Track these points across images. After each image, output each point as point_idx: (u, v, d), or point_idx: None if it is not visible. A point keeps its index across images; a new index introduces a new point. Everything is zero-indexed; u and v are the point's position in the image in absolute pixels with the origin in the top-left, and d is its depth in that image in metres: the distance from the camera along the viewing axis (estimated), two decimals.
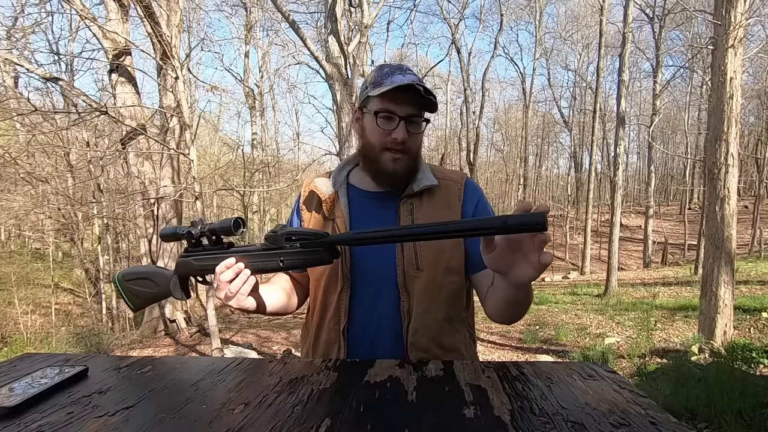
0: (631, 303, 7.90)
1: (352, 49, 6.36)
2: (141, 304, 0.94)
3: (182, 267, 0.88)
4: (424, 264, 0.90)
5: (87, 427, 0.53)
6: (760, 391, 2.93)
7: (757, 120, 20.33)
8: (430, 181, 0.95)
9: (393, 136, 0.88)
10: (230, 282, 0.78)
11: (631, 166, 30.71)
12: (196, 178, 5.11)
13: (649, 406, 0.58)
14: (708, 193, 4.96)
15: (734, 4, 4.49)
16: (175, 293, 0.89)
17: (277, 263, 0.78)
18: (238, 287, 0.79)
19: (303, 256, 0.76)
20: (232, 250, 0.84)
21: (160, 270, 0.92)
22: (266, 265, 0.79)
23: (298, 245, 0.76)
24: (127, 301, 0.94)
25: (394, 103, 0.87)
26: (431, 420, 0.54)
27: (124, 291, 0.92)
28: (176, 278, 0.89)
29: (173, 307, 7.89)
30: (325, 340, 0.94)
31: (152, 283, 0.91)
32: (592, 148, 14.28)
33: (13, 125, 8.70)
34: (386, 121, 0.88)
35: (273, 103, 18.98)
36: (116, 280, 0.94)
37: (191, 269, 0.87)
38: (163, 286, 0.89)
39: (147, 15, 5.48)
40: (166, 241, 0.87)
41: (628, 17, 10.02)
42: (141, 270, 0.94)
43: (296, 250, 0.76)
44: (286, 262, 0.77)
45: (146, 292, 0.92)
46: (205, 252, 0.85)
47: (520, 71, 24.46)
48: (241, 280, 0.79)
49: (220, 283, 0.79)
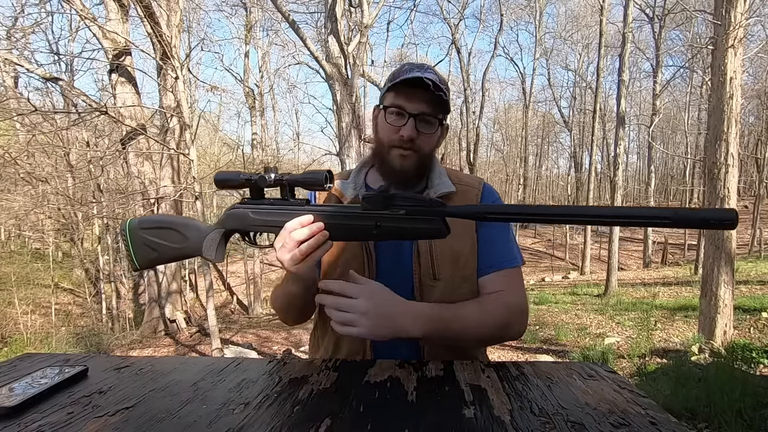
0: (631, 303, 7.90)
1: (352, 49, 6.36)
2: (152, 261, 0.79)
3: (233, 220, 0.74)
4: (441, 273, 0.86)
5: (87, 427, 0.53)
6: (760, 391, 2.93)
7: (757, 120, 20.33)
8: (448, 187, 0.91)
9: (401, 133, 0.85)
10: (301, 243, 0.67)
11: (631, 166, 30.73)
12: (196, 178, 5.12)
13: (649, 406, 0.58)
14: (708, 193, 4.95)
15: (734, 4, 4.49)
16: (208, 252, 0.75)
17: (371, 229, 0.65)
18: (310, 250, 0.68)
19: (411, 224, 0.63)
20: (309, 206, 0.71)
21: (192, 221, 0.79)
22: (354, 229, 0.66)
23: (403, 212, 0.64)
24: (133, 255, 0.78)
25: (405, 99, 0.84)
26: (431, 420, 0.54)
27: (133, 242, 0.78)
28: (218, 233, 0.75)
29: (173, 307, 7.89)
30: (349, 351, 0.88)
31: (179, 236, 0.76)
32: (592, 148, 14.27)
33: (13, 125, 8.71)
34: (396, 117, 0.85)
35: (273, 103, 18.97)
36: (126, 228, 0.78)
37: (246, 223, 0.74)
38: (193, 241, 0.76)
39: (147, 15, 5.48)
40: (221, 187, 0.74)
41: (628, 17, 10.02)
42: (166, 219, 0.80)
43: (401, 216, 0.64)
44: (384, 228, 0.64)
45: (167, 246, 0.77)
46: (273, 205, 0.72)
47: (520, 71, 24.49)
48: (316, 242, 0.68)
49: (287, 242, 0.68)
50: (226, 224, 0.75)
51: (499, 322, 0.83)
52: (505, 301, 0.85)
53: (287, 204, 0.72)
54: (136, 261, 0.79)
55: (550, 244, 20.22)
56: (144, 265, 0.79)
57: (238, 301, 12.55)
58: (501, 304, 0.84)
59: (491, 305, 0.84)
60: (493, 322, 0.82)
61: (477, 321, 0.80)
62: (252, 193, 0.74)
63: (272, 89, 18.16)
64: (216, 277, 13.06)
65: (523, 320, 0.87)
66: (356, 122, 6.15)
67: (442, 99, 0.84)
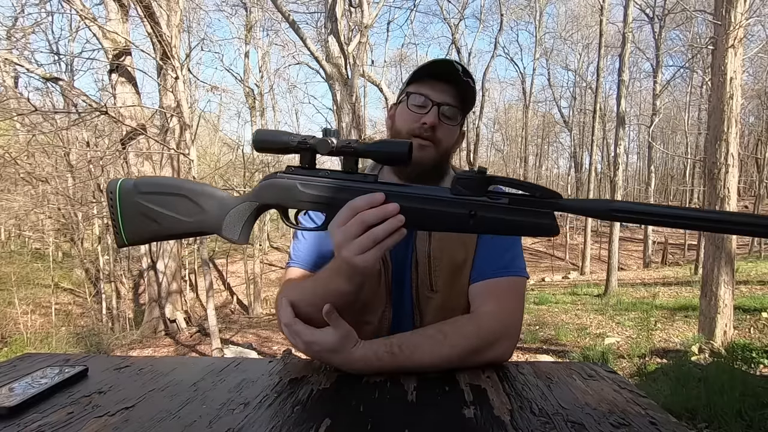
0: (631, 303, 7.90)
1: (352, 49, 6.36)
2: (148, 235, 0.63)
3: (274, 191, 0.61)
4: (438, 285, 0.82)
5: (87, 427, 0.53)
6: (760, 391, 2.93)
7: (757, 120, 20.34)
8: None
9: (423, 120, 0.80)
10: (370, 227, 0.55)
11: (631, 166, 30.72)
12: (196, 178, 5.12)
13: (649, 406, 0.58)
14: (708, 193, 4.95)
15: (734, 4, 4.49)
16: (230, 230, 0.61)
17: (465, 219, 0.53)
18: (383, 235, 0.55)
19: (515, 216, 0.52)
20: (380, 183, 0.58)
21: (210, 188, 0.63)
22: (442, 217, 0.54)
23: (506, 201, 0.53)
24: (121, 225, 0.62)
25: (430, 88, 0.81)
26: (431, 420, 0.54)
27: (124, 209, 0.62)
28: (250, 207, 0.62)
29: (173, 307, 7.89)
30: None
31: (192, 207, 0.62)
32: (592, 148, 14.28)
33: (13, 125, 8.70)
34: (418, 105, 0.81)
35: (273, 103, 19.00)
36: (116, 190, 0.62)
37: (292, 198, 0.60)
38: (212, 214, 0.61)
39: (147, 15, 5.48)
40: (262, 149, 0.61)
41: (628, 17, 10.03)
42: (175, 183, 0.64)
43: (503, 205, 0.53)
44: (481, 218, 0.53)
45: (173, 218, 0.62)
46: (334, 178, 0.59)
47: (520, 71, 24.49)
48: (390, 226, 0.55)
49: (351, 226, 0.55)
50: (263, 196, 0.61)
51: (462, 349, 0.69)
52: (477, 324, 0.73)
53: (351, 178, 0.59)
54: (124, 234, 0.62)
55: (550, 243, 20.22)
56: (135, 239, 0.63)
57: (238, 301, 12.56)
58: (466, 330, 0.71)
59: (453, 329, 0.71)
60: (447, 353, 0.68)
61: (430, 350, 0.68)
62: (303, 161, 0.60)
63: (272, 89, 18.19)
64: (216, 277, 13.06)
65: (504, 345, 0.73)
66: (356, 122, 6.15)
67: (468, 88, 0.81)
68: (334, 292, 0.64)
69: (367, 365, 0.66)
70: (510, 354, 0.75)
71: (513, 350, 0.76)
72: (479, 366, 0.71)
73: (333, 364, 0.68)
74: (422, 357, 0.68)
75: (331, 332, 0.64)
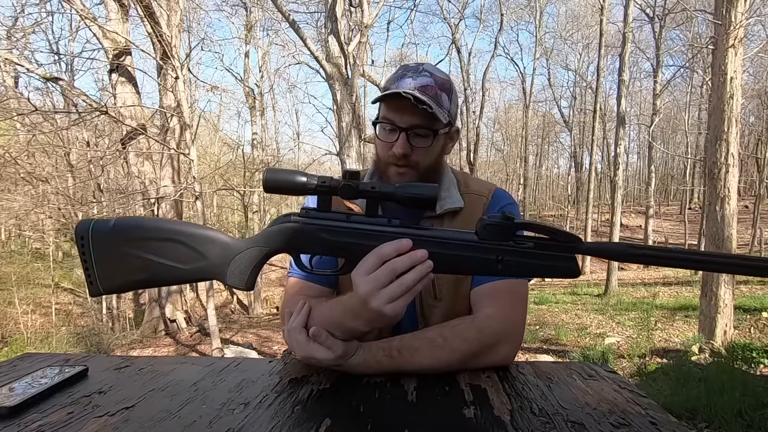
0: (631, 303, 7.90)
1: (352, 49, 6.36)
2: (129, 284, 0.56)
3: (287, 237, 0.57)
4: (442, 293, 0.82)
5: (87, 427, 0.53)
6: (760, 391, 2.93)
7: (757, 120, 20.33)
8: (455, 203, 0.84)
9: (393, 150, 0.78)
10: (400, 275, 0.54)
11: (632, 166, 30.72)
12: (197, 178, 5.12)
13: (649, 406, 0.58)
14: (708, 193, 4.95)
15: (734, 3, 4.49)
16: (236, 278, 0.57)
17: (492, 263, 0.54)
18: (411, 285, 0.54)
19: (540, 260, 0.54)
20: (403, 227, 0.56)
21: (211, 232, 0.57)
22: (471, 263, 0.54)
23: (532, 244, 0.54)
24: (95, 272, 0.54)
25: (394, 111, 0.77)
26: (431, 420, 0.54)
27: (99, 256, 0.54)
28: (259, 252, 0.57)
29: (173, 307, 7.89)
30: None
31: (188, 252, 0.55)
32: (592, 147, 14.27)
33: (13, 125, 8.69)
34: (387, 133, 0.79)
35: (273, 103, 18.97)
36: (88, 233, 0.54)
37: (309, 243, 0.57)
38: (214, 260, 0.56)
39: (147, 15, 5.48)
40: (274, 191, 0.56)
41: (629, 17, 10.03)
42: (163, 226, 0.57)
43: (529, 250, 0.54)
44: (507, 262, 0.54)
45: (162, 265, 0.55)
46: (355, 222, 0.56)
47: (520, 71, 24.44)
48: (420, 274, 0.54)
49: (381, 274, 0.54)
50: (274, 242, 0.57)
51: (462, 354, 0.69)
52: (477, 327, 0.72)
53: (374, 222, 0.57)
54: (99, 283, 0.55)
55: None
56: (113, 288, 0.56)
57: (238, 301, 12.56)
58: (466, 334, 0.70)
59: (453, 333, 0.70)
60: (447, 357, 0.68)
61: (429, 354, 0.68)
62: (321, 203, 0.58)
63: (272, 89, 18.17)
64: None
65: (505, 349, 0.73)
66: (356, 122, 6.15)
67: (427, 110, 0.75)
68: (349, 330, 0.63)
69: (366, 369, 0.67)
70: (512, 358, 0.74)
71: (515, 354, 0.75)
72: (480, 369, 0.70)
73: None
74: (421, 361, 0.68)
75: (328, 351, 0.64)
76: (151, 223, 0.57)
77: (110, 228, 0.54)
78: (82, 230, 0.54)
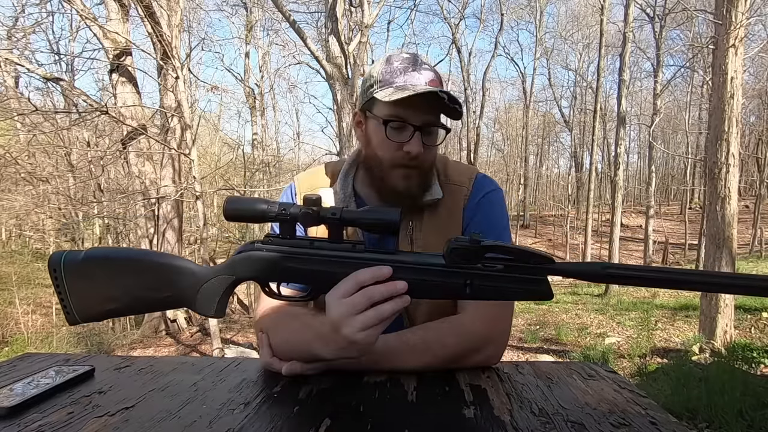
0: (631, 303, 7.90)
1: (352, 48, 6.36)
2: (106, 313, 0.57)
3: (251, 265, 0.57)
4: None
5: (87, 427, 0.53)
6: (760, 391, 2.93)
7: (757, 120, 20.31)
8: (435, 194, 0.81)
9: (406, 150, 0.73)
10: (375, 305, 0.53)
11: (632, 166, 30.71)
12: (197, 178, 5.12)
13: (649, 406, 0.58)
14: (709, 193, 4.95)
15: (735, 3, 4.49)
16: (204, 306, 0.57)
17: (462, 288, 0.53)
18: (386, 316, 0.53)
19: (510, 283, 0.52)
20: (370, 252, 0.55)
21: (179, 260, 0.59)
22: (439, 288, 0.54)
23: (502, 267, 0.53)
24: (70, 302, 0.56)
25: (407, 108, 0.72)
26: (431, 420, 0.54)
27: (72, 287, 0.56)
28: (225, 281, 0.57)
29: None
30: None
31: (157, 281, 0.57)
32: (593, 147, 14.26)
33: (13, 125, 8.70)
34: (397, 131, 0.73)
35: (273, 103, 19.00)
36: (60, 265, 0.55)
37: (272, 271, 0.57)
38: (183, 289, 0.57)
39: (147, 15, 5.48)
40: (234, 220, 0.57)
41: (629, 17, 10.02)
42: (133, 256, 0.59)
43: (498, 274, 0.53)
44: (476, 287, 0.53)
45: (138, 296, 0.57)
46: (321, 250, 0.56)
47: (521, 71, 24.45)
48: (398, 306, 0.53)
49: (357, 301, 0.53)
50: (239, 270, 0.57)
51: (444, 359, 0.69)
52: (459, 332, 0.70)
53: (339, 248, 0.56)
54: (75, 313, 0.56)
55: (551, 243, 20.22)
56: (89, 317, 0.57)
57: (238, 301, 12.56)
58: (448, 340, 0.69)
59: (436, 337, 0.69)
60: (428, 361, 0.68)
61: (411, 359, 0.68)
62: (284, 230, 0.57)
63: (272, 89, 18.19)
64: None
65: (489, 351, 0.72)
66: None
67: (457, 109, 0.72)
68: (314, 357, 0.63)
69: (345, 367, 0.67)
70: (497, 358, 0.73)
71: (501, 354, 0.74)
72: (465, 367, 0.70)
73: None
74: (403, 365, 0.68)
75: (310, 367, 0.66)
76: (121, 253, 0.59)
77: (81, 259, 0.56)
78: (54, 262, 0.56)
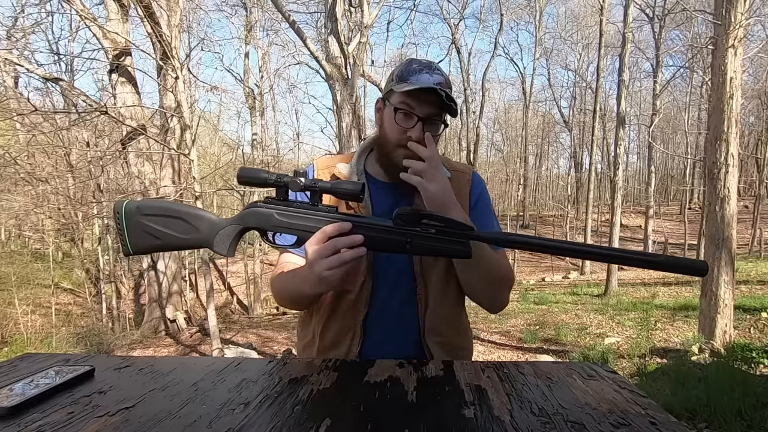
0: (631, 303, 7.90)
1: (352, 49, 6.35)
2: (152, 248, 0.76)
3: (255, 218, 0.75)
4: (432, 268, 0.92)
5: (87, 427, 0.53)
6: (760, 391, 2.93)
7: (757, 120, 20.32)
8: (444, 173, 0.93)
9: (408, 134, 0.87)
10: (337, 252, 0.69)
11: (632, 166, 30.67)
12: (197, 178, 5.12)
13: (649, 406, 0.58)
14: (708, 193, 4.95)
15: (734, 3, 4.49)
16: (220, 246, 0.75)
17: (403, 244, 0.69)
18: (347, 260, 0.69)
19: (438, 243, 0.68)
20: (339, 214, 0.73)
21: (202, 212, 0.77)
22: (387, 243, 0.70)
23: (434, 231, 0.69)
24: (127, 239, 0.74)
25: (415, 101, 0.86)
26: (431, 420, 0.54)
27: (129, 226, 0.74)
28: (235, 229, 0.75)
29: (174, 307, 7.90)
30: (338, 331, 0.91)
31: (187, 227, 0.75)
32: (592, 148, 14.27)
33: (13, 125, 8.70)
34: (405, 118, 0.87)
35: (273, 103, 18.94)
36: (122, 210, 0.74)
37: (269, 223, 0.74)
38: (204, 233, 0.75)
39: (147, 15, 5.48)
40: (244, 184, 0.75)
41: (628, 17, 10.02)
42: (173, 207, 0.77)
43: (430, 235, 0.69)
44: (414, 245, 0.69)
45: (170, 235, 0.74)
46: (303, 210, 0.74)
47: (520, 71, 24.45)
48: (356, 253, 0.69)
49: (325, 247, 0.69)
50: (246, 221, 0.75)
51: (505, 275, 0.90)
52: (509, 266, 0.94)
53: (317, 210, 0.74)
54: (130, 245, 0.75)
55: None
56: (140, 250, 0.76)
57: (238, 301, 12.56)
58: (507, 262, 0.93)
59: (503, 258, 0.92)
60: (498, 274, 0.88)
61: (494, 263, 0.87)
62: (278, 194, 0.75)
63: (272, 89, 18.14)
64: (216, 278, 13.06)
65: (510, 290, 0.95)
66: (356, 122, 6.15)
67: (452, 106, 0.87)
68: (301, 293, 0.81)
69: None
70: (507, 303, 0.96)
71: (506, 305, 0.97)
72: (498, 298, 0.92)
73: None
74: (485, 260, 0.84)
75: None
76: (164, 205, 0.77)
77: (136, 206, 0.75)
78: (117, 207, 0.75)
